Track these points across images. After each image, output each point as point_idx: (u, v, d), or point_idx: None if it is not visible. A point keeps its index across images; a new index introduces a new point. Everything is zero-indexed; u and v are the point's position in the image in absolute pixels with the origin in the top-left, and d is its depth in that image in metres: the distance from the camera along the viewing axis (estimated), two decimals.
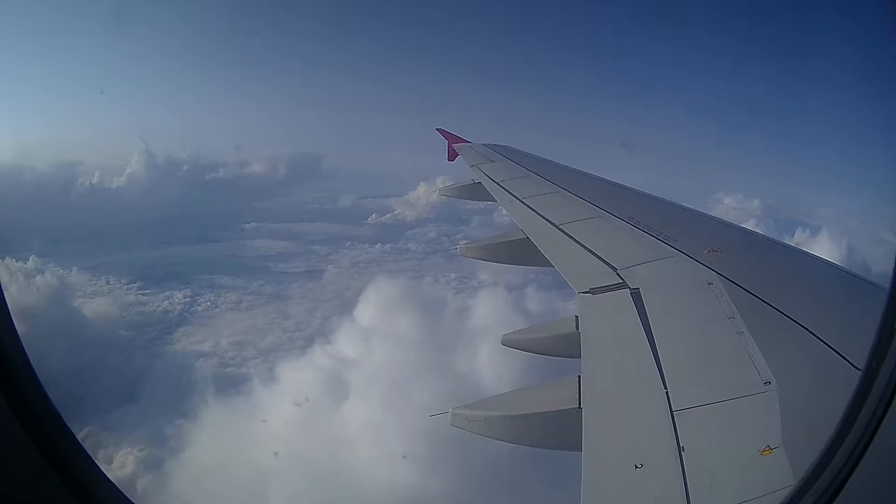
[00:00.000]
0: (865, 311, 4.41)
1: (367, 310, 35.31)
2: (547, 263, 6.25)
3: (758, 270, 5.28)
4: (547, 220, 7.24)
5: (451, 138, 13.28)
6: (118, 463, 24.39)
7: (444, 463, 20.04)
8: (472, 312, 34.53)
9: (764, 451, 2.73)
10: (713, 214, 8.43)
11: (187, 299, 43.69)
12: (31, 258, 40.97)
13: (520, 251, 7.15)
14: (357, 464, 22.25)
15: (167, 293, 44.22)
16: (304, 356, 32.51)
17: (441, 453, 19.24)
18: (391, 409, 24.52)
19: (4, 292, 1.73)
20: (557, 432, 3.69)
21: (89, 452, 1.86)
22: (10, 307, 1.73)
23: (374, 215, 71.48)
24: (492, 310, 33.80)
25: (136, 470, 24.41)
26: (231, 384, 30.70)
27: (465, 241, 8.17)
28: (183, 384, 30.50)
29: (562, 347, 5.00)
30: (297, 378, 29.24)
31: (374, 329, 32.87)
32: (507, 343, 5.67)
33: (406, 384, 25.62)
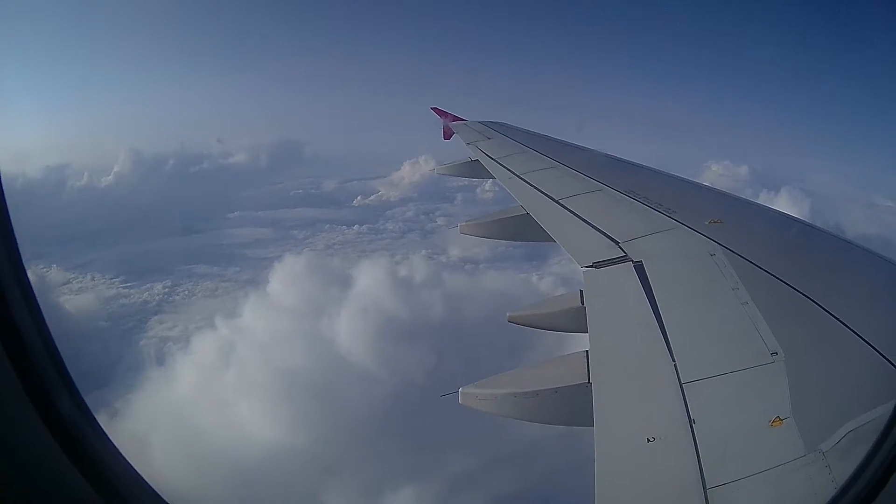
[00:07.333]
0: (868, 280, 4.46)
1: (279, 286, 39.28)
2: (548, 239, 6.24)
3: (760, 240, 5.29)
4: (546, 195, 7.22)
5: (447, 117, 13.16)
6: None
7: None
8: (359, 280, 38.33)
9: (774, 421, 2.77)
10: (704, 182, 8.44)
11: (166, 290, 45.45)
12: None
13: (520, 227, 7.14)
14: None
15: (148, 285, 46.01)
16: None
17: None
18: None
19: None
20: (568, 408, 3.73)
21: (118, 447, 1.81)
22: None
23: (359, 197, 71.87)
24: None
25: None
26: (187, 362, 33.98)
27: (465, 220, 8.11)
28: (147, 366, 33.90)
29: (567, 322, 5.03)
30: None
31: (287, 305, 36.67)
32: (513, 319, 5.68)
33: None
